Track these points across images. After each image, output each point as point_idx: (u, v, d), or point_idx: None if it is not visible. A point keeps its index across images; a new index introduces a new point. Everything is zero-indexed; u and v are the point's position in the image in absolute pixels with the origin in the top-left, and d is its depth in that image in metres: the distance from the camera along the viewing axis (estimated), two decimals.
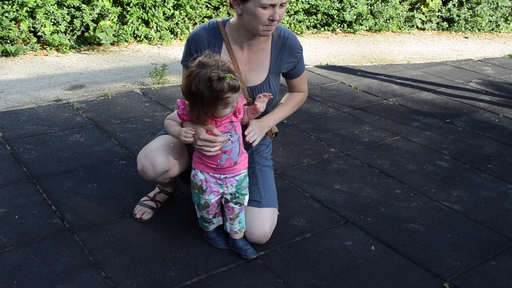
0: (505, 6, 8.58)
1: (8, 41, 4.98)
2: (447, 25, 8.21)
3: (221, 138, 1.94)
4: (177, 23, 6.01)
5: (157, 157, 2.13)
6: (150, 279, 1.97)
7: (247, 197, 2.12)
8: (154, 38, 5.81)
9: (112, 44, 5.60)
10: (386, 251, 2.28)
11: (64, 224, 2.30)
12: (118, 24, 5.63)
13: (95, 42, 5.46)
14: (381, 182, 2.91)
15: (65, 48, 5.24)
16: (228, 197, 2.07)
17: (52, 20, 5.17)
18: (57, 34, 5.25)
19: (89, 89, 4.23)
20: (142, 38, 5.76)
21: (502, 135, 3.78)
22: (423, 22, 8.10)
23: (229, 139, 1.96)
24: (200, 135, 1.94)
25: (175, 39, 6.08)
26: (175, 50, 5.73)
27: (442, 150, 3.43)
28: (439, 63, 6.01)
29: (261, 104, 2.02)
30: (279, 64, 2.27)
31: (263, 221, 2.17)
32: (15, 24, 4.97)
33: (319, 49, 6.30)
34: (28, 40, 5.15)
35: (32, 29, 5.14)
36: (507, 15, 8.74)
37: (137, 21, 5.71)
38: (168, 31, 5.94)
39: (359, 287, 2.03)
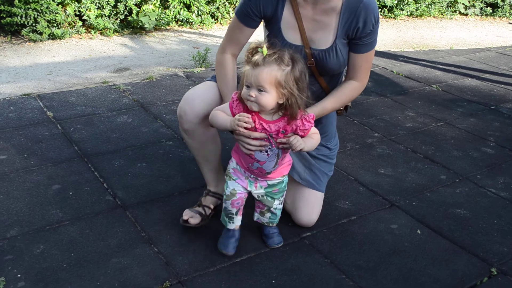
0: None
1: (55, 25, 5.10)
2: (490, 11, 8.01)
3: (256, 134, 1.76)
4: (217, 7, 6.04)
5: (196, 98, 2.02)
6: (201, 256, 2.03)
7: (277, 201, 1.98)
8: (195, 23, 5.86)
9: (154, 28, 5.67)
10: (432, 235, 2.29)
11: (116, 201, 2.38)
12: (160, 9, 5.70)
13: (138, 26, 5.54)
14: (426, 168, 2.90)
15: (109, 32, 5.34)
16: (256, 197, 1.97)
17: (97, 4, 5.27)
18: (101, 18, 5.36)
19: (133, 71, 4.32)
20: (184, 22, 5.81)
21: None
22: (466, 7, 7.92)
23: (265, 150, 1.78)
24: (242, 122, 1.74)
25: (215, 23, 6.12)
26: (216, 34, 5.77)
27: (487, 136, 3.38)
28: (483, 49, 5.89)
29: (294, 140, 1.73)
30: (348, 29, 1.96)
31: (312, 207, 2.20)
32: (61, 8, 5.09)
33: None
34: (73, 24, 5.27)
35: (77, 13, 5.25)
36: None
37: (179, 5, 5.77)
38: (208, 15, 5.98)
39: (405, 269, 2.05)
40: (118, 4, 5.37)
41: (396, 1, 7.08)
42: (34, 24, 4.95)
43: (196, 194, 2.44)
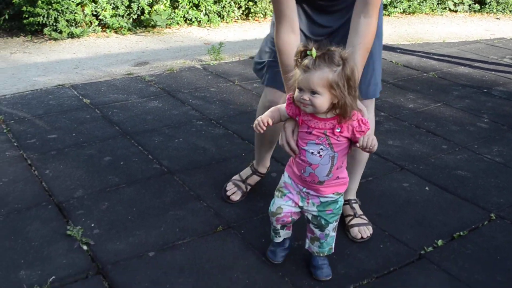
0: None
1: (73, 24, 5.43)
2: (478, 7, 8.44)
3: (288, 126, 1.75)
4: (223, 7, 6.40)
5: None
6: (245, 208, 2.38)
7: (331, 226, 1.87)
8: (203, 21, 6.21)
9: (165, 27, 6.02)
10: (439, 191, 2.65)
11: (162, 168, 2.72)
12: (170, 8, 6.04)
13: (150, 24, 5.88)
14: (429, 140, 3.27)
15: (124, 30, 5.68)
16: (310, 217, 1.87)
17: (112, 4, 5.61)
18: (116, 17, 5.69)
19: (153, 65, 4.65)
20: (193, 21, 6.16)
21: None
22: (455, 4, 8.35)
23: (317, 151, 1.72)
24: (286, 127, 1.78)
25: (221, 21, 6.47)
26: (223, 31, 6.12)
27: (481, 114, 3.76)
28: (473, 41, 6.29)
29: (364, 141, 1.66)
30: None
31: None
32: (80, 8, 5.42)
33: None
34: (90, 23, 5.60)
35: (94, 13, 5.59)
36: None
37: (188, 5, 6.11)
38: (216, 14, 6.33)
39: (418, 217, 2.40)
40: (132, 4, 5.71)
41: None
42: (54, 24, 5.28)
43: (230, 164, 2.79)
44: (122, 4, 5.65)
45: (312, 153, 1.72)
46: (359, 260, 2.06)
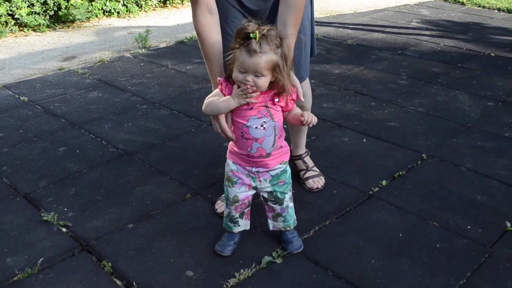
0: None
1: None
2: None
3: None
4: None
5: None
6: (208, 175, 2.55)
7: (288, 196, 1.93)
8: (122, 12, 6.22)
9: (83, 21, 5.98)
10: (374, 141, 2.95)
11: (119, 151, 2.83)
12: (87, 1, 6.00)
13: (69, 19, 5.82)
14: (358, 99, 3.58)
15: (43, 28, 5.59)
16: (266, 195, 1.92)
17: (27, 2, 5.50)
18: (32, 15, 5.59)
19: (81, 58, 4.66)
20: (112, 12, 6.15)
21: (445, 58, 4.53)
22: None
23: (261, 124, 1.77)
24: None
25: (140, 11, 6.50)
26: (143, 20, 6.17)
27: (400, 73, 4.13)
28: (382, 9, 6.73)
29: (308, 118, 1.79)
30: None
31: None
32: None
33: None
34: (6, 24, 5.47)
35: (9, 12, 5.46)
36: None
37: None
38: (134, 3, 6.36)
39: (361, 164, 2.69)
40: (48, 0, 5.63)
41: None
42: None
43: (183, 139, 2.95)
44: (38, 1, 5.55)
45: (256, 127, 1.76)
46: (318, 206, 2.31)
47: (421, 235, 2.10)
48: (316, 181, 2.46)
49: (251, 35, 1.61)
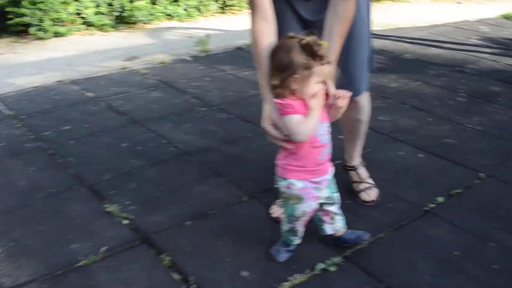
0: None
1: (58, 24, 5.53)
2: None
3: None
4: (201, 1, 6.58)
5: None
6: (264, 180, 2.61)
7: (338, 194, 1.99)
8: (182, 16, 6.39)
9: (145, 23, 6.17)
10: (431, 157, 2.93)
11: (179, 150, 2.93)
12: (150, 4, 6.19)
13: (131, 21, 6.02)
14: (415, 114, 3.56)
15: (107, 28, 5.81)
16: (323, 200, 1.92)
17: (94, 2, 5.73)
18: (98, 15, 5.82)
19: (143, 59, 4.82)
20: (173, 16, 6.33)
21: (505, 76, 4.45)
22: None
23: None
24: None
25: (199, 15, 6.66)
26: (202, 25, 6.32)
27: (458, 90, 4.08)
28: (441, 25, 6.65)
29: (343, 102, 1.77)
30: None
31: None
32: (64, 7, 5.53)
33: None
34: (74, 22, 5.71)
35: (77, 12, 5.70)
36: None
37: (167, 0, 6.28)
38: (194, 8, 6.52)
39: (417, 179, 2.68)
40: (113, 1, 5.84)
41: None
42: (39, 24, 5.37)
43: (240, 143, 3.03)
44: (104, 2, 5.77)
45: (322, 134, 1.79)
46: (373, 218, 2.33)
47: (478, 254, 2.09)
48: (371, 194, 2.47)
49: (321, 43, 1.65)
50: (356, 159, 2.61)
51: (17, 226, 2.23)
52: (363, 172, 2.59)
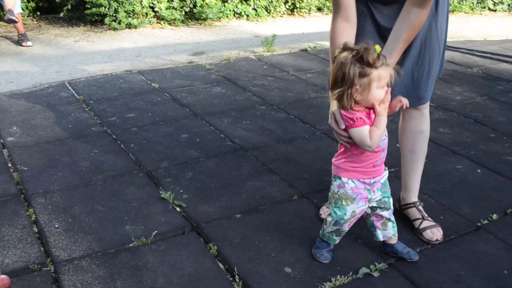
0: None
1: (131, 15, 5.75)
2: None
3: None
4: (271, 1, 6.66)
5: None
6: (316, 181, 2.63)
7: (391, 200, 1.99)
8: (251, 15, 6.48)
9: (215, 20, 6.30)
10: (490, 173, 2.86)
11: (235, 145, 3.00)
12: (220, 2, 6.32)
13: (201, 17, 6.17)
14: (477, 128, 3.48)
15: (178, 22, 5.98)
16: (374, 204, 1.94)
17: None
18: (170, 9, 6.00)
19: (209, 55, 4.94)
20: (242, 15, 6.43)
21: None
22: (494, 3, 8.46)
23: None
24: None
25: (268, 16, 6.73)
26: (270, 25, 6.39)
27: None
28: None
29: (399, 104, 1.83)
30: None
31: None
32: (139, 0, 5.74)
33: None
34: (146, 15, 5.91)
35: (151, 5, 5.90)
36: None
37: None
38: (263, 8, 6.60)
39: (473, 194, 2.63)
40: None
41: None
42: (114, 14, 5.60)
43: (296, 143, 3.05)
44: None
45: (383, 139, 1.82)
46: None
47: None
48: (435, 232, 2.24)
49: (375, 48, 1.68)
50: (415, 193, 2.38)
51: (77, 204, 2.35)
52: (423, 210, 2.35)
